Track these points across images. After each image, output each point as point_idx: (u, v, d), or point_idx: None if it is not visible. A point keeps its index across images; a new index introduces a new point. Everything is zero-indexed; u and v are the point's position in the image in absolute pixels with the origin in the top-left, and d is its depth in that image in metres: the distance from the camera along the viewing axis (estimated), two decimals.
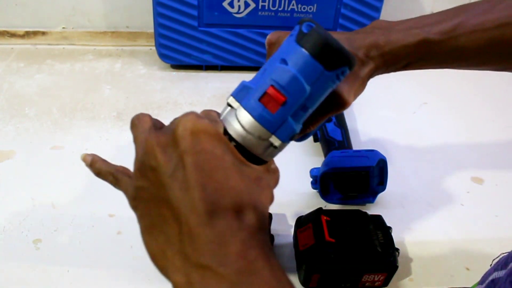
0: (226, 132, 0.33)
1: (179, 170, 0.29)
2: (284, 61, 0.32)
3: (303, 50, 0.32)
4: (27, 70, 0.84)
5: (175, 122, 0.31)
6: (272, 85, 0.32)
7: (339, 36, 0.42)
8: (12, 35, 0.91)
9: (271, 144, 0.33)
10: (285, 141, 0.33)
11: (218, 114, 0.35)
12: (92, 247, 0.53)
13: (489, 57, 0.45)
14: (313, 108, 0.34)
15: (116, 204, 0.58)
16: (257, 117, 0.32)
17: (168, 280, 0.30)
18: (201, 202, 0.28)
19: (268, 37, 0.43)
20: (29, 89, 0.79)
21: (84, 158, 0.39)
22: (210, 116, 0.34)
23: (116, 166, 0.38)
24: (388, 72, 0.44)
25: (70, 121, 0.72)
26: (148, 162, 0.31)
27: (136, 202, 0.33)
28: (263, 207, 0.31)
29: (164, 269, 0.30)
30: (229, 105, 0.34)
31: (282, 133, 0.33)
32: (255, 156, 0.33)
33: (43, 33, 0.92)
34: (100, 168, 0.39)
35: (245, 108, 0.32)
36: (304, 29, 0.32)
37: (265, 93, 0.32)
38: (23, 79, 0.81)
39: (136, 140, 0.34)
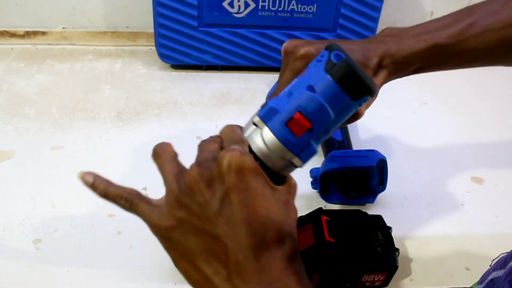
0: (250, 149, 0.34)
1: (226, 207, 0.30)
2: (311, 88, 0.33)
3: (332, 80, 0.33)
4: (27, 70, 0.84)
5: (219, 157, 0.31)
6: (299, 111, 0.33)
7: (352, 46, 0.43)
8: (12, 35, 0.91)
9: (293, 164, 0.35)
10: (306, 161, 0.35)
11: (241, 129, 0.36)
12: (92, 247, 0.53)
13: (500, 56, 0.45)
14: (333, 131, 0.36)
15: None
16: (282, 140, 0.33)
17: None
18: (248, 238, 0.30)
19: (284, 45, 0.44)
20: (29, 89, 0.79)
21: (83, 177, 0.35)
22: (236, 134, 0.35)
23: (127, 189, 0.36)
24: (400, 77, 0.45)
25: (70, 121, 0.72)
26: (192, 196, 0.31)
27: (168, 232, 0.33)
28: (294, 231, 0.33)
29: None
30: (254, 124, 0.35)
31: (304, 155, 0.34)
32: (275, 172, 0.35)
33: (43, 33, 0.92)
34: (106, 190, 0.35)
35: (271, 130, 0.33)
36: (334, 59, 0.33)
37: (291, 118, 0.33)
38: (23, 79, 0.81)
39: (163, 169, 0.34)
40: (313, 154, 0.35)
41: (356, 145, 0.68)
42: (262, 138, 0.34)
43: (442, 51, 0.43)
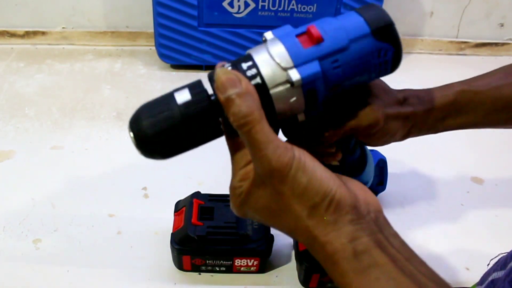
0: (251, 59, 0.32)
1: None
2: (336, 19, 0.33)
3: (357, 14, 0.33)
4: (27, 70, 0.84)
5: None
6: (315, 25, 0.32)
7: (379, 82, 0.41)
8: (12, 35, 0.91)
9: (288, 81, 0.31)
10: (305, 78, 0.31)
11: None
12: (92, 247, 0.53)
13: None
14: (341, 76, 0.33)
15: (116, 204, 0.58)
16: (288, 46, 0.32)
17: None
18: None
19: None
20: (29, 89, 0.79)
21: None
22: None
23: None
24: (426, 129, 0.43)
25: (70, 121, 0.72)
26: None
27: None
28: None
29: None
30: (264, 40, 0.33)
31: (304, 69, 0.31)
32: (267, 95, 0.31)
33: (43, 33, 0.91)
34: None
35: (279, 38, 0.32)
36: (367, 4, 0.33)
37: (305, 31, 0.32)
38: (23, 79, 0.81)
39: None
40: (315, 73, 0.31)
41: None
42: (267, 47, 0.32)
43: (472, 96, 0.42)
